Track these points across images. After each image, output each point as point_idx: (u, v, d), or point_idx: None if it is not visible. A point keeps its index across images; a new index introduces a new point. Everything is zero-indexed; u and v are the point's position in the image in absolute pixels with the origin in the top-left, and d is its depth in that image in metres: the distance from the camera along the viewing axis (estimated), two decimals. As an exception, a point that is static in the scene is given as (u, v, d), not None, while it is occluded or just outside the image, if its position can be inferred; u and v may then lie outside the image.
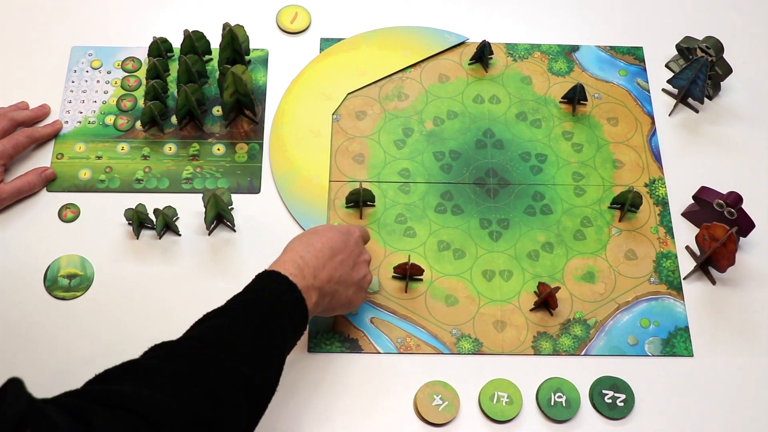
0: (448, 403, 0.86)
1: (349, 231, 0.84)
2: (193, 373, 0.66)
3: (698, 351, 0.90)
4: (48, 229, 0.94)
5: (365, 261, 0.85)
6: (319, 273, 0.78)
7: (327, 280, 0.79)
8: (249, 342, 0.70)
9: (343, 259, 0.81)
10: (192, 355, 0.67)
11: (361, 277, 0.83)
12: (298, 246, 0.80)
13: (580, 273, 0.94)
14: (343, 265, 0.81)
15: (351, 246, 0.83)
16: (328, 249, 0.80)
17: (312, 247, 0.79)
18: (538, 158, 1.01)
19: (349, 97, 1.05)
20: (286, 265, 0.77)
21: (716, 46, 1.01)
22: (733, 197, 0.93)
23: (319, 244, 0.80)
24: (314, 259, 0.78)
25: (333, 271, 0.79)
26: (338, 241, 0.81)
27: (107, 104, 1.03)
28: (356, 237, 0.85)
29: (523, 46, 1.09)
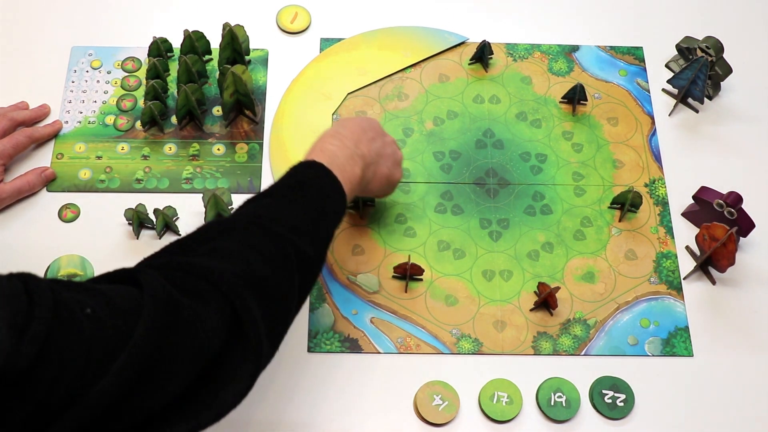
0: (448, 403, 0.86)
1: (369, 118, 0.88)
2: (248, 241, 0.68)
3: (698, 351, 0.90)
4: (48, 229, 0.94)
5: (392, 140, 0.89)
6: (359, 144, 0.82)
7: (367, 148, 0.83)
8: (296, 216, 0.72)
9: (373, 136, 0.85)
10: (244, 228, 0.69)
11: (393, 152, 0.88)
12: (330, 129, 0.84)
13: (580, 273, 0.94)
14: (375, 140, 0.85)
15: (375, 127, 0.87)
16: (358, 127, 0.84)
17: (345, 127, 0.83)
18: (538, 158, 1.01)
19: (349, 97, 1.05)
20: (326, 142, 0.80)
21: (716, 46, 1.01)
22: (733, 197, 0.93)
23: (350, 124, 0.84)
24: (350, 134, 0.82)
25: (370, 142, 0.84)
26: (364, 122, 0.86)
27: (107, 104, 1.03)
28: (377, 122, 0.88)
29: (523, 46, 1.09)
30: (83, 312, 0.54)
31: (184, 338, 0.59)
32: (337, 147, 0.79)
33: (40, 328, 0.51)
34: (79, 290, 0.57)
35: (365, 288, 0.92)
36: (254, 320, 0.63)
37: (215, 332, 0.61)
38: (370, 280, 0.93)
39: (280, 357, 0.88)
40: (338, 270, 0.93)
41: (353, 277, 0.93)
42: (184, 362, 0.59)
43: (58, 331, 0.52)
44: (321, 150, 0.79)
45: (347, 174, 0.78)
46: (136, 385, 0.55)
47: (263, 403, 0.86)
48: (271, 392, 0.86)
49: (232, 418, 0.85)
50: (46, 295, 0.53)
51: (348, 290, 0.92)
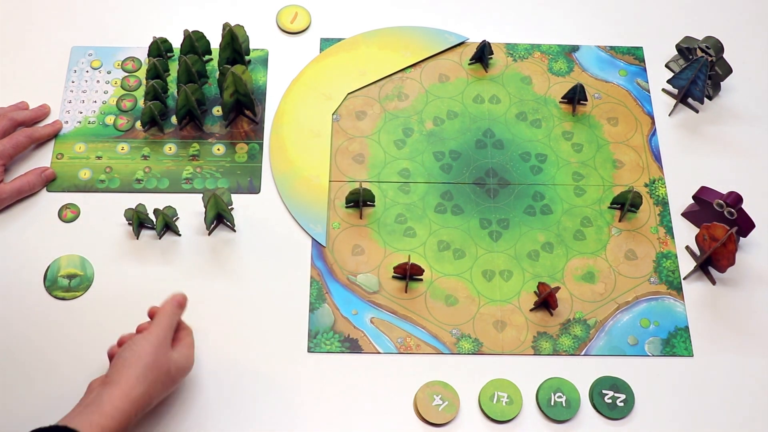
0: (448, 403, 0.86)
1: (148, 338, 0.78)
2: None
3: (698, 351, 0.90)
4: (48, 229, 0.94)
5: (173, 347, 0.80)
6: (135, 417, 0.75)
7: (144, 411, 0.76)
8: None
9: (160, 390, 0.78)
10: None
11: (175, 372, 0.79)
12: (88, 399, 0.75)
13: (580, 273, 0.94)
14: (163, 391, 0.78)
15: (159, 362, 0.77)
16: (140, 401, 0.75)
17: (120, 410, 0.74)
18: (538, 158, 1.01)
19: (349, 97, 1.05)
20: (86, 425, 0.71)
21: (716, 46, 1.01)
22: (733, 197, 0.93)
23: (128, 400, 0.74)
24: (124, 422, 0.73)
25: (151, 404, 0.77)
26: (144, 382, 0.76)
27: (107, 104, 1.03)
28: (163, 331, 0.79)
29: (523, 46, 1.09)
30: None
31: None
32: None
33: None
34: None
35: (365, 288, 0.92)
36: None
37: None
38: (370, 280, 0.93)
39: (280, 357, 0.88)
40: (338, 270, 0.93)
41: (353, 277, 0.93)
42: None
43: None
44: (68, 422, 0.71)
45: None
46: None
47: (263, 403, 0.86)
48: (271, 392, 0.86)
49: (232, 419, 0.85)
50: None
51: (348, 290, 0.92)
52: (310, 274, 0.93)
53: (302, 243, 0.95)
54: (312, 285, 0.92)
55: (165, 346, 0.79)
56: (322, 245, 0.94)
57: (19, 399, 0.85)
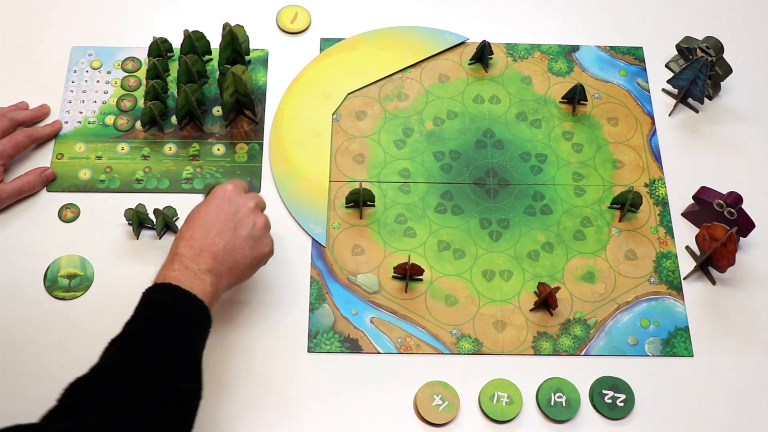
0: (448, 403, 0.86)
1: (218, 194, 0.83)
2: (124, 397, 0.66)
3: (698, 351, 0.90)
4: (48, 229, 0.94)
5: (248, 211, 0.83)
6: (200, 258, 0.78)
7: (212, 259, 0.78)
8: (165, 356, 0.71)
9: (219, 230, 0.80)
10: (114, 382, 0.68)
11: (250, 229, 0.82)
12: (174, 244, 0.80)
13: (580, 273, 0.94)
14: (222, 234, 0.80)
15: (223, 210, 0.81)
16: (199, 230, 0.79)
17: (184, 238, 0.79)
18: (538, 158, 1.01)
19: (349, 97, 1.05)
20: (170, 270, 0.77)
21: (716, 46, 1.01)
22: (733, 197, 0.93)
23: (190, 230, 0.80)
24: (189, 249, 0.78)
25: (212, 247, 0.79)
26: (208, 215, 0.81)
27: (107, 104, 1.03)
28: (228, 195, 0.83)
29: (523, 46, 1.09)
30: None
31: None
32: (178, 272, 0.76)
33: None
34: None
35: (365, 288, 0.92)
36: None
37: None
38: (370, 280, 0.93)
39: (280, 357, 0.88)
40: (338, 270, 0.93)
41: (353, 277, 0.93)
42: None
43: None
44: (165, 278, 0.76)
45: (199, 293, 0.76)
46: None
47: (263, 403, 0.86)
48: (271, 392, 0.86)
49: (232, 419, 0.85)
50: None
51: (348, 290, 0.92)
52: (310, 274, 0.93)
53: (302, 243, 0.95)
54: (312, 285, 0.92)
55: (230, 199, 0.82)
56: (322, 245, 0.94)
57: (19, 399, 0.85)
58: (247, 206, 0.83)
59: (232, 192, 0.83)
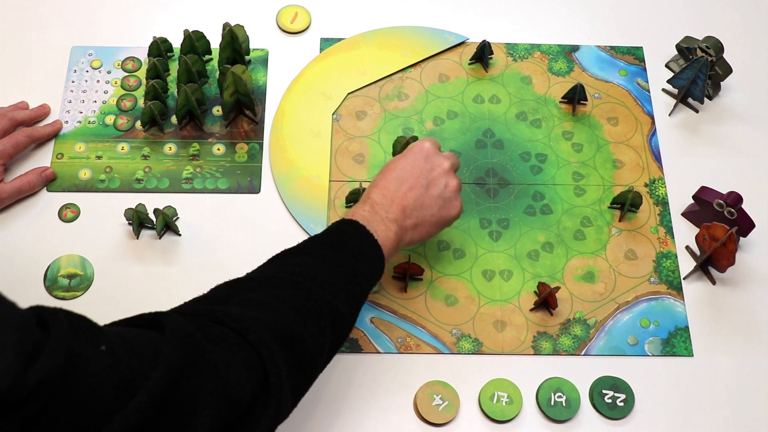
0: (448, 403, 0.86)
1: (415, 150, 0.84)
2: (282, 295, 0.67)
3: (698, 351, 0.90)
4: (48, 229, 0.94)
5: (442, 171, 0.84)
6: (390, 207, 0.79)
7: (401, 211, 0.80)
8: (332, 275, 0.72)
9: (411, 185, 0.81)
10: (279, 282, 0.69)
11: (441, 190, 0.83)
12: (368, 189, 0.82)
13: (580, 273, 0.94)
14: (413, 190, 0.81)
15: (418, 166, 0.83)
16: (393, 181, 0.81)
17: (378, 186, 0.81)
18: (538, 158, 1.01)
19: (349, 97, 1.05)
20: (359, 211, 0.79)
21: (716, 46, 1.01)
22: (733, 197, 0.93)
23: (384, 180, 0.82)
24: (381, 197, 0.80)
25: (403, 199, 0.80)
26: (403, 168, 0.82)
27: (107, 104, 1.03)
28: (425, 152, 0.84)
29: (523, 46, 1.09)
30: (97, 348, 0.53)
31: (207, 383, 0.57)
32: (368, 213, 0.79)
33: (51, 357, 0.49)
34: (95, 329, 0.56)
35: (365, 288, 0.92)
36: (279, 375, 0.62)
37: (242, 382, 0.60)
38: (370, 280, 0.93)
39: (280, 357, 0.88)
40: (338, 270, 0.93)
41: (353, 277, 0.93)
42: (205, 407, 0.57)
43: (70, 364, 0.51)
44: (353, 216, 0.78)
45: (382, 237, 0.77)
46: (153, 425, 0.53)
47: (263, 403, 0.86)
48: (271, 392, 0.86)
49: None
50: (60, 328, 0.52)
51: (348, 290, 0.92)
52: (310, 274, 0.93)
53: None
54: (312, 285, 0.92)
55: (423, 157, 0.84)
56: (322, 245, 0.94)
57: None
58: (443, 166, 0.84)
59: (430, 150, 0.85)
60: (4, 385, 0.47)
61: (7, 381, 0.47)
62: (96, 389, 0.52)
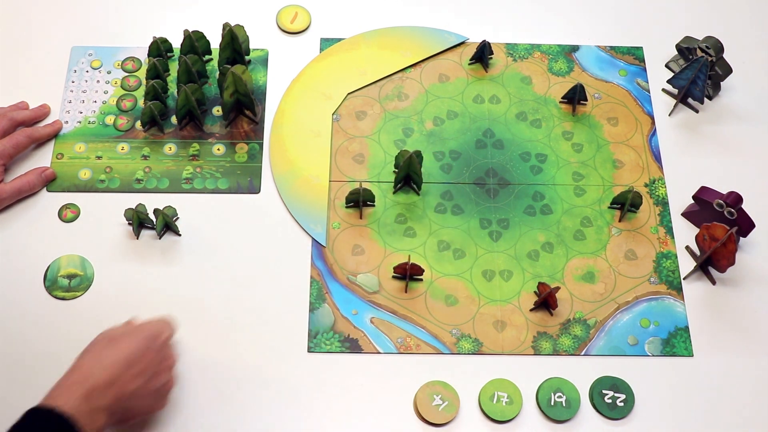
0: (448, 403, 0.86)
1: (155, 335, 0.78)
2: None
3: (698, 351, 0.90)
4: (48, 229, 0.94)
5: (168, 367, 0.80)
6: (108, 392, 0.73)
7: (117, 398, 0.74)
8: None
9: (140, 370, 0.76)
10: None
11: (161, 385, 0.79)
12: (86, 364, 0.75)
13: (580, 273, 0.94)
14: (139, 377, 0.76)
15: (152, 353, 0.77)
16: (122, 362, 0.75)
17: (102, 363, 0.74)
18: (538, 158, 1.01)
19: (349, 97, 1.05)
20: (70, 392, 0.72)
21: (716, 46, 1.01)
22: (733, 197, 0.93)
23: (113, 357, 0.75)
24: (102, 378, 0.73)
25: (125, 385, 0.75)
26: (136, 350, 0.76)
27: (107, 104, 1.03)
28: (162, 340, 0.79)
29: (523, 46, 1.09)
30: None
31: None
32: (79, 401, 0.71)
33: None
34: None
35: (365, 288, 0.92)
36: None
37: None
38: (370, 280, 0.93)
39: (280, 357, 0.88)
40: (338, 270, 0.93)
41: (353, 277, 0.93)
42: None
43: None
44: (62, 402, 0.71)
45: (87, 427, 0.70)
46: None
47: (263, 403, 0.86)
48: (271, 392, 0.86)
49: (232, 419, 0.85)
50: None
51: (348, 290, 0.92)
52: (310, 274, 0.93)
53: (302, 243, 0.95)
54: (312, 285, 0.92)
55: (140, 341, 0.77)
56: (322, 245, 0.94)
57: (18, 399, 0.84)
58: (171, 361, 0.80)
59: (166, 339, 0.80)
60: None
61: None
62: None
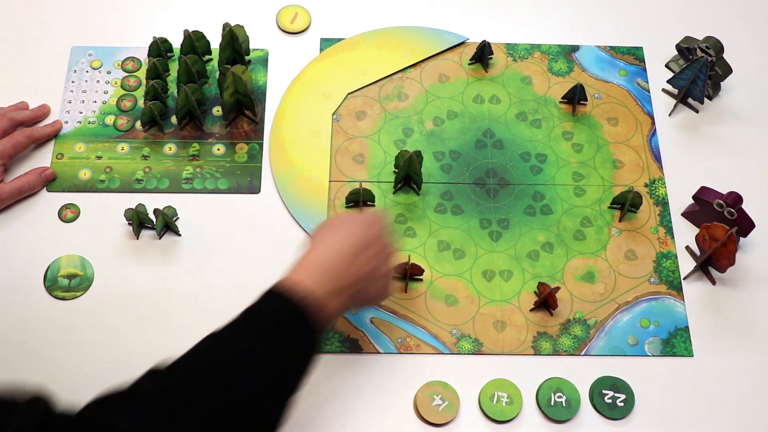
0: (448, 403, 0.86)
1: (372, 223, 0.80)
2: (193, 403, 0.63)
3: (698, 351, 0.90)
4: (48, 229, 0.94)
5: (390, 254, 0.81)
6: (344, 276, 0.75)
7: (354, 280, 0.76)
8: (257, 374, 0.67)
9: (370, 255, 0.77)
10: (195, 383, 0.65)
11: (387, 271, 0.80)
12: (319, 248, 0.76)
13: (580, 273, 0.94)
14: (370, 261, 0.77)
15: (376, 239, 0.79)
16: (352, 247, 0.76)
17: (334, 249, 0.76)
18: (538, 158, 1.01)
19: (349, 97, 1.05)
20: (306, 274, 0.73)
21: (716, 46, 1.01)
22: (733, 197, 0.93)
23: (342, 242, 0.76)
24: (338, 262, 0.75)
25: (359, 269, 0.76)
26: (362, 236, 0.78)
27: (107, 104, 1.03)
28: (379, 229, 0.80)
29: (523, 46, 1.09)
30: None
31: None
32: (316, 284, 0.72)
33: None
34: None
35: (365, 288, 0.92)
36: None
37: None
38: (370, 280, 0.93)
39: (280, 357, 0.88)
40: (338, 270, 0.93)
41: (353, 277, 0.93)
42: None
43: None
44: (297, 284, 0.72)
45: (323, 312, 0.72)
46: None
47: (263, 403, 0.86)
48: (271, 392, 0.86)
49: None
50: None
51: (348, 290, 0.92)
52: (310, 274, 0.93)
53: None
54: (312, 285, 0.92)
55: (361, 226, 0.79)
56: (322, 245, 0.94)
57: (19, 399, 0.85)
58: (390, 249, 0.81)
59: (382, 229, 0.81)
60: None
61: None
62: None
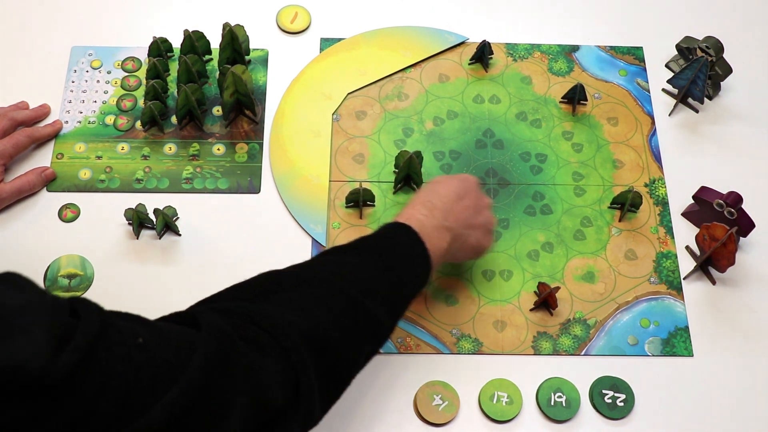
0: (448, 403, 0.86)
1: (467, 178, 0.87)
2: (323, 298, 0.67)
3: (698, 351, 0.90)
4: (48, 229, 0.94)
5: (488, 205, 0.87)
6: (449, 215, 0.80)
7: (455, 221, 0.81)
8: (378, 281, 0.72)
9: (467, 204, 0.83)
10: (321, 283, 0.68)
11: (486, 221, 0.86)
12: (423, 194, 0.83)
13: (580, 273, 0.94)
14: (469, 209, 0.83)
15: (473, 191, 0.85)
16: (453, 194, 0.82)
17: (437, 194, 0.82)
18: (538, 158, 1.01)
19: (349, 97, 1.05)
20: (415, 210, 0.80)
21: (716, 46, 1.01)
22: (733, 197, 0.93)
23: (444, 190, 0.83)
24: (441, 203, 0.81)
25: (460, 213, 0.82)
26: (460, 187, 0.84)
27: (107, 104, 1.03)
28: (474, 183, 0.86)
29: (523, 46, 1.09)
30: (135, 340, 0.54)
31: (240, 382, 0.57)
32: (425, 217, 0.79)
33: (84, 340, 0.50)
34: (134, 321, 0.57)
35: (365, 288, 0.92)
36: (310, 383, 0.62)
37: (274, 386, 0.60)
38: (370, 280, 0.93)
39: (280, 357, 0.88)
40: (338, 270, 0.93)
41: (353, 277, 0.93)
42: (237, 407, 0.57)
43: (104, 350, 0.51)
44: (409, 218, 0.79)
45: (434, 245, 0.77)
46: (186, 420, 0.53)
47: (263, 403, 0.86)
48: (271, 392, 0.86)
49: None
50: (93, 316, 0.53)
51: (348, 290, 0.92)
52: (310, 274, 0.93)
53: (302, 243, 0.95)
54: (312, 285, 0.92)
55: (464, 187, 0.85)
56: (322, 245, 0.94)
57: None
58: (487, 201, 0.87)
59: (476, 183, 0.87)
60: (38, 365, 0.47)
61: (41, 361, 0.47)
62: (131, 380, 0.52)
